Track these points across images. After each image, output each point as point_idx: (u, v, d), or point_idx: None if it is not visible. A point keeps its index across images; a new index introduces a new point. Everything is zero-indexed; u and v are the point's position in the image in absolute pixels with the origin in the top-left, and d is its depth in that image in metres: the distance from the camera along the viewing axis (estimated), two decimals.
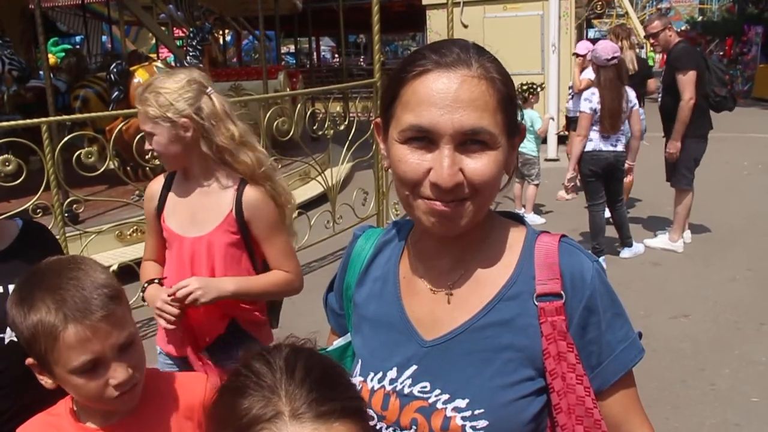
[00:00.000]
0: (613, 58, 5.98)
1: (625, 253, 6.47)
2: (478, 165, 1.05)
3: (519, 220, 1.23)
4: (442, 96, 1.03)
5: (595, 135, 6.12)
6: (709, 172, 9.79)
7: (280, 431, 0.91)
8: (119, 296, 1.34)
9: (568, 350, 1.09)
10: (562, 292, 1.10)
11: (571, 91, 8.67)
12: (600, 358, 1.12)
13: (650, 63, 32.06)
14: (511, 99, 1.09)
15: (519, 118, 1.14)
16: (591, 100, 6.09)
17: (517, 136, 1.14)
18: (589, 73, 7.93)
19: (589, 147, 6.12)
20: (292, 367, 0.97)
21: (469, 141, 1.05)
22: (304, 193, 8.17)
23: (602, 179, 6.21)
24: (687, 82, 6.11)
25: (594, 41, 8.63)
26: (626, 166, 6.28)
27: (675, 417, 3.65)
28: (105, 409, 1.37)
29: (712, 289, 5.58)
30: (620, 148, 6.14)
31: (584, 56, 8.35)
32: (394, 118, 1.10)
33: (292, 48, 25.77)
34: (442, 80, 1.04)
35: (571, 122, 8.46)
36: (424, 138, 1.05)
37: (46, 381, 1.35)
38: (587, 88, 6.95)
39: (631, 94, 6.20)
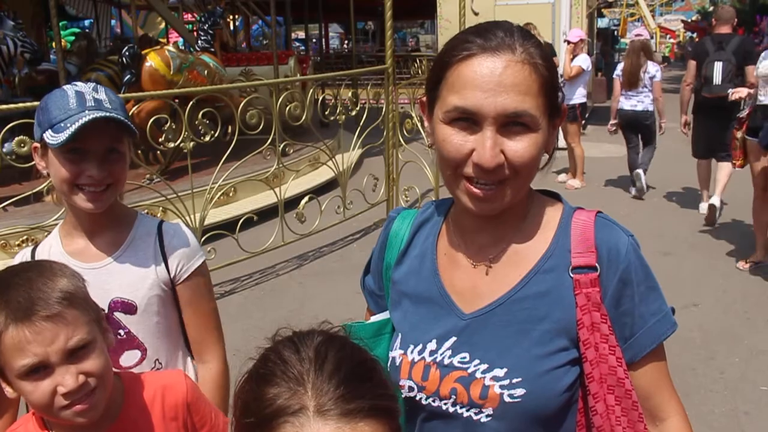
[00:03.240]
0: (639, 35, 8.30)
1: (632, 190, 8.31)
2: (519, 147, 1.08)
3: (556, 197, 1.26)
4: (486, 80, 1.06)
5: (621, 97, 8.14)
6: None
7: (303, 426, 0.88)
8: (75, 300, 1.24)
9: (601, 321, 1.12)
10: (597, 265, 1.13)
11: (561, 79, 8.69)
12: (633, 330, 1.15)
13: (663, 54, 32.03)
14: (552, 83, 1.12)
15: (560, 100, 1.16)
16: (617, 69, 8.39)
17: (558, 117, 1.16)
18: (580, 61, 8.23)
19: (618, 106, 8.19)
20: (322, 359, 0.94)
21: (511, 123, 1.07)
22: (315, 178, 8.19)
23: (631, 130, 8.26)
24: (687, 68, 7.56)
25: (605, 30, 8.84)
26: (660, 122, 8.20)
27: (684, 405, 3.63)
28: (60, 422, 1.26)
29: (722, 279, 5.58)
30: (640, 108, 8.01)
31: (575, 43, 8.41)
32: (440, 99, 1.13)
33: (301, 34, 25.67)
34: (486, 64, 1.07)
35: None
36: (468, 119, 1.08)
37: (7, 390, 1.26)
38: (578, 75, 8.51)
39: (652, 68, 8.00)
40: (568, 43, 8.66)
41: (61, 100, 1.54)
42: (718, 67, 6.84)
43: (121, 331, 1.67)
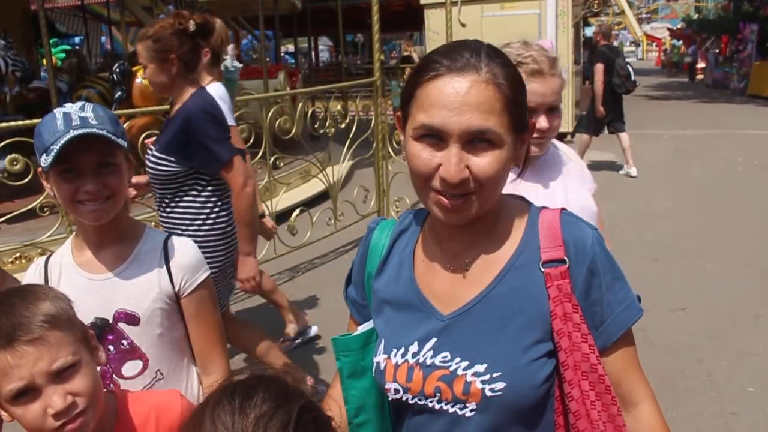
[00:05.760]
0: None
1: None
2: (483, 162, 1.14)
3: (523, 200, 1.33)
4: (451, 99, 1.12)
5: None
6: (705, 168, 9.95)
7: None
8: (58, 322, 1.27)
9: (573, 311, 1.18)
10: (565, 258, 1.20)
11: None
12: (603, 318, 1.22)
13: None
14: (517, 101, 1.17)
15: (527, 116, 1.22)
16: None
17: (525, 132, 1.23)
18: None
19: None
20: None
21: (476, 140, 1.13)
22: (306, 191, 8.23)
23: None
24: (597, 70, 9.67)
25: (592, 39, 8.96)
26: None
27: (673, 407, 3.72)
28: None
29: (708, 283, 5.65)
30: None
31: None
32: (410, 116, 1.20)
33: (291, 48, 25.78)
34: (452, 84, 1.13)
35: None
36: (435, 136, 1.14)
37: (3, 414, 1.29)
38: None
39: None
40: None
41: (51, 124, 1.57)
42: (629, 68, 9.64)
43: (125, 341, 1.73)
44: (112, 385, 1.73)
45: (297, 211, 6.41)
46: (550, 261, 1.20)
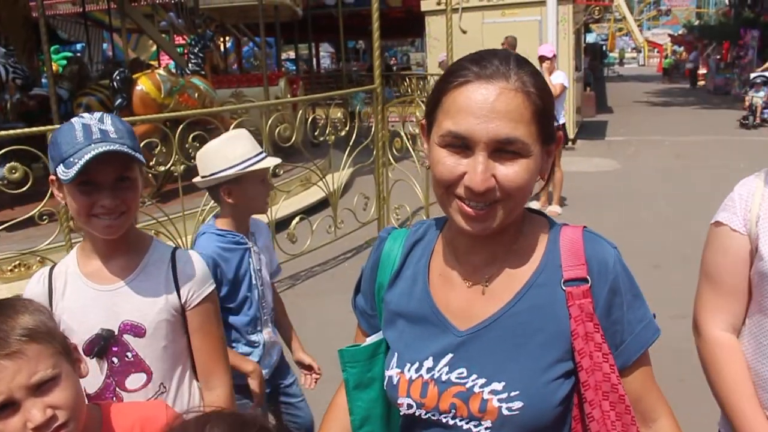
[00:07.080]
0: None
1: None
2: (510, 171, 1.12)
3: (542, 215, 1.31)
4: (479, 106, 1.10)
5: None
6: (707, 175, 9.92)
7: None
8: (37, 335, 1.25)
9: (594, 330, 1.16)
10: (588, 277, 1.17)
11: None
12: (623, 337, 1.20)
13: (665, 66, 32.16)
14: (545, 111, 1.15)
15: (556, 127, 1.20)
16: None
17: (552, 143, 1.20)
18: (561, 78, 8.19)
19: None
20: None
21: (503, 149, 1.11)
22: (306, 198, 8.23)
23: None
24: None
25: (593, 45, 8.77)
26: None
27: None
28: None
29: None
30: None
31: (551, 59, 8.31)
32: (436, 123, 1.17)
33: (291, 54, 25.84)
34: (480, 91, 1.11)
35: None
36: (461, 143, 1.12)
37: None
38: (562, 92, 8.10)
39: None
40: (544, 59, 8.24)
41: (69, 135, 1.56)
42: None
43: (129, 354, 1.71)
44: (114, 398, 1.71)
45: (297, 219, 6.40)
46: (572, 279, 1.18)
